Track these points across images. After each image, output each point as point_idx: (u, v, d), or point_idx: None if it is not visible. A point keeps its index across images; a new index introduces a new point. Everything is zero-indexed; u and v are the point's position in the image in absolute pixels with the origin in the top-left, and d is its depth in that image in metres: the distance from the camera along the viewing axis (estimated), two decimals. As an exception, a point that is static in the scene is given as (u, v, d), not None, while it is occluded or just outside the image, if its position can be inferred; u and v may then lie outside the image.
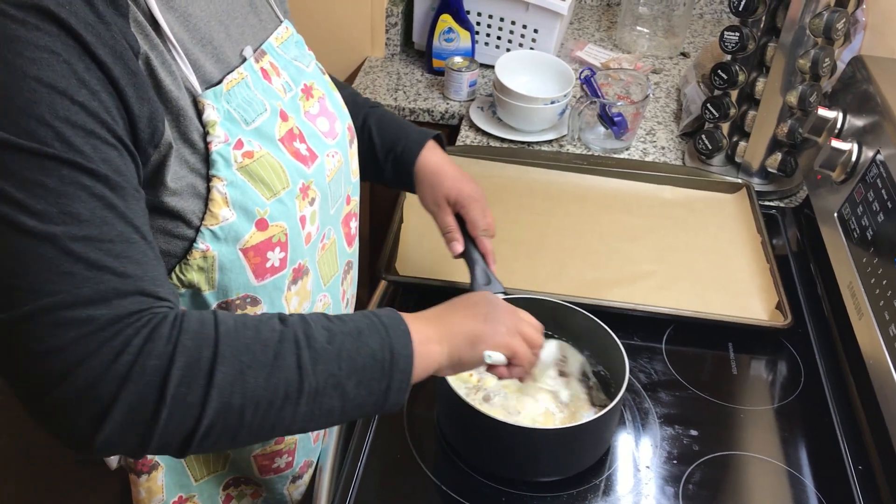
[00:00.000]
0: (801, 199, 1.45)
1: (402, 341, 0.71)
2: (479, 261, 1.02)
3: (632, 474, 0.97)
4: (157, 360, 0.60)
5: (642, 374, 1.10)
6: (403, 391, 0.71)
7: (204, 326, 0.64)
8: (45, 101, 0.57)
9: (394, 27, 1.79)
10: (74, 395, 0.59)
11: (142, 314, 0.61)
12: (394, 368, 0.70)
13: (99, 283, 0.59)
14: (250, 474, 0.92)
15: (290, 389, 0.65)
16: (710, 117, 1.42)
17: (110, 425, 0.60)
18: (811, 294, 1.26)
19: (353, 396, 0.68)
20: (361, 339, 0.69)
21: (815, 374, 1.13)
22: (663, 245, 1.30)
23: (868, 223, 1.08)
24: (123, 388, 0.59)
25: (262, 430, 0.65)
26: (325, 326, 0.69)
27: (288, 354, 0.65)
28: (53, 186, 0.58)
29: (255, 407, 0.63)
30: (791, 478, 0.98)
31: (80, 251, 0.59)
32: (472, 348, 0.79)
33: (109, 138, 0.61)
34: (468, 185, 1.03)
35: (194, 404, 0.61)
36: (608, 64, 1.77)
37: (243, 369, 0.63)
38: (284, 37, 0.86)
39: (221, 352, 0.63)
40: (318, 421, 0.68)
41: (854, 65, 1.28)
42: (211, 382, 0.62)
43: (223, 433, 0.63)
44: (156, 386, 0.60)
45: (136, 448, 0.62)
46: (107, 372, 0.59)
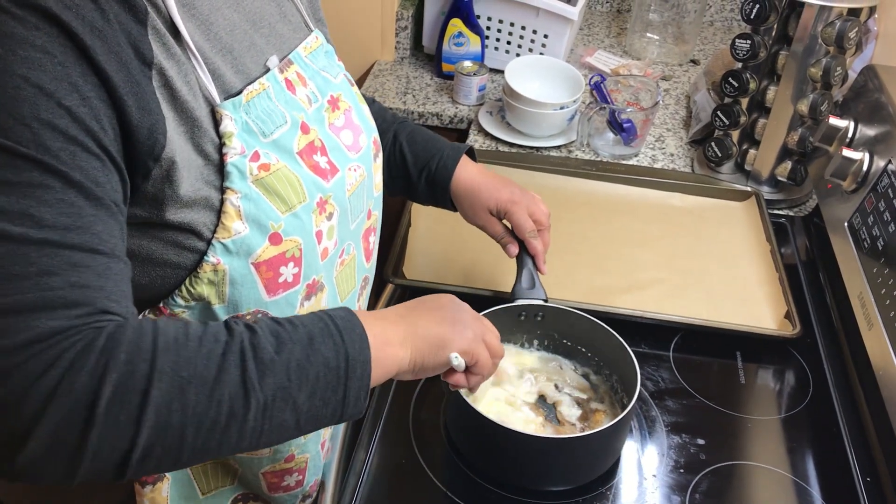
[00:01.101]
0: (810, 209, 1.44)
1: (357, 346, 0.67)
2: (527, 264, 1.04)
3: (638, 483, 0.97)
4: (87, 377, 0.56)
5: (650, 381, 1.10)
6: (362, 399, 0.68)
7: (141, 338, 0.59)
8: (29, 100, 0.55)
9: (404, 31, 1.79)
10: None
11: (82, 328, 0.57)
12: (350, 376, 0.66)
13: (46, 291, 0.56)
14: (259, 491, 0.91)
15: (235, 406, 0.60)
16: (720, 125, 1.41)
17: (33, 446, 0.55)
18: (820, 304, 1.25)
19: (307, 409, 0.64)
20: (313, 346, 0.65)
21: (824, 384, 1.12)
22: (672, 252, 1.29)
23: (879, 233, 1.07)
24: (49, 405, 0.54)
25: (208, 449, 0.61)
26: (274, 333, 0.65)
27: (232, 368, 0.61)
28: (19, 186, 0.55)
29: (196, 426, 0.59)
30: (798, 489, 0.97)
31: (33, 255, 0.55)
32: (436, 352, 0.76)
33: (93, 147, 0.58)
34: (505, 192, 1.03)
35: (128, 424, 0.56)
36: (618, 70, 1.77)
37: (183, 385, 0.58)
38: (314, 46, 0.84)
39: (159, 367, 0.58)
40: (269, 436, 0.64)
41: (866, 74, 1.27)
42: (146, 400, 0.57)
43: (164, 455, 0.59)
44: (84, 404, 0.55)
45: (63, 473, 0.57)
46: (31, 388, 0.54)
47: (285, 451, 0.87)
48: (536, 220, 1.03)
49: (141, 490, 0.82)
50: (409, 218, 1.32)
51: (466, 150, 1.07)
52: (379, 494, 0.94)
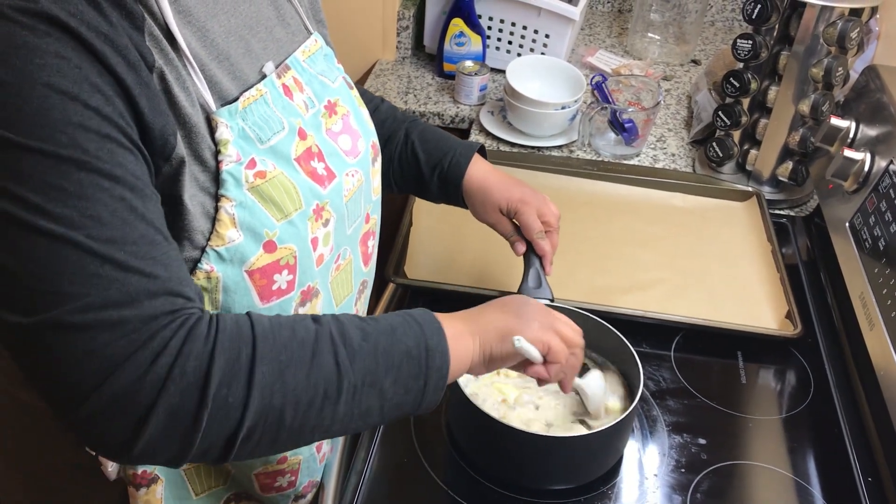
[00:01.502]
0: (811, 209, 1.44)
1: (436, 337, 0.70)
2: (534, 264, 1.04)
3: (639, 482, 0.97)
4: (197, 361, 0.59)
5: (651, 381, 1.10)
6: (441, 389, 0.70)
7: (240, 327, 0.63)
8: (58, 106, 0.56)
9: (405, 30, 1.79)
10: (112, 402, 0.58)
11: (175, 314, 0.60)
12: (430, 365, 0.69)
13: (127, 285, 0.58)
14: (251, 492, 0.91)
15: (329, 388, 0.64)
16: (722, 125, 1.41)
17: (150, 431, 0.58)
18: (821, 304, 1.25)
19: (391, 395, 0.67)
20: (396, 335, 0.68)
21: (825, 384, 1.12)
22: (673, 252, 1.29)
23: (880, 233, 1.07)
24: (164, 391, 0.58)
25: (303, 431, 0.64)
26: (358, 325, 0.68)
27: (325, 352, 0.64)
28: (72, 190, 0.57)
29: (295, 406, 0.62)
30: (799, 488, 0.98)
31: (105, 252, 0.57)
32: (502, 342, 0.77)
33: (125, 142, 0.60)
34: (516, 192, 1.03)
35: (236, 405, 0.60)
36: (619, 70, 1.77)
37: (282, 368, 0.62)
38: (312, 50, 0.84)
39: (260, 351, 0.62)
40: (356, 422, 0.67)
41: (867, 74, 1.27)
42: (251, 382, 0.61)
43: (264, 435, 0.62)
44: (197, 388, 0.59)
45: (176, 454, 0.61)
46: (146, 375, 0.58)
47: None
48: (545, 221, 1.03)
49: (135, 493, 0.82)
50: (410, 217, 1.32)
51: (478, 149, 1.07)
52: (380, 494, 0.94)
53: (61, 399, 0.59)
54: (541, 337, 0.80)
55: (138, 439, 0.59)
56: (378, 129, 1.02)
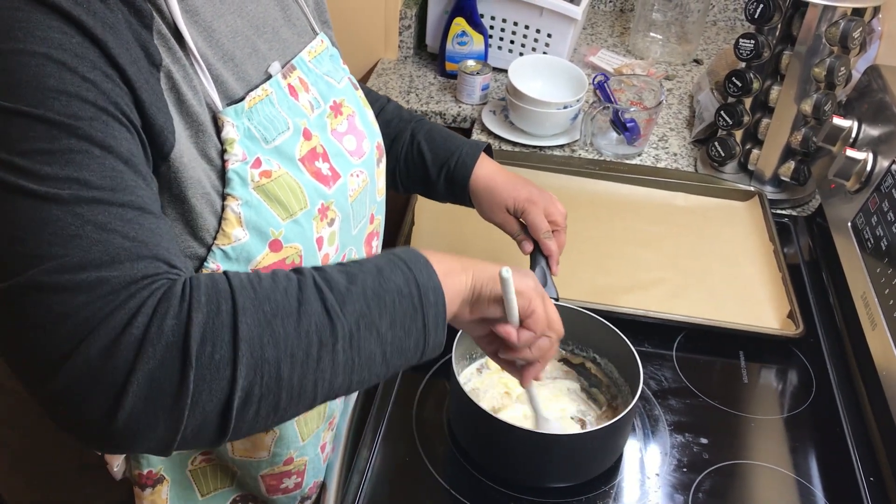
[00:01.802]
0: (813, 208, 1.44)
1: (425, 272, 0.66)
2: (540, 263, 1.04)
3: (641, 482, 0.97)
4: (174, 320, 0.55)
5: (653, 381, 1.10)
6: (442, 327, 0.67)
7: (216, 282, 0.59)
8: (55, 75, 0.55)
9: (407, 29, 1.79)
10: (86, 370, 0.53)
11: (156, 277, 0.57)
12: (425, 303, 0.65)
13: (109, 246, 0.55)
14: (257, 493, 0.91)
15: (322, 335, 0.60)
16: (724, 124, 1.41)
17: (131, 402, 0.54)
18: (823, 303, 1.25)
19: (391, 338, 0.64)
20: (383, 276, 0.65)
21: (827, 383, 1.12)
22: (675, 252, 1.29)
23: (882, 233, 1.07)
24: (141, 353, 0.54)
25: (304, 387, 0.60)
26: (342, 270, 0.65)
27: (312, 299, 0.61)
28: (61, 154, 0.55)
29: (290, 359, 0.58)
30: (801, 488, 0.98)
31: (88, 213, 0.55)
32: (493, 283, 0.73)
33: (122, 118, 0.58)
34: (523, 191, 1.03)
35: (223, 362, 0.56)
36: (621, 69, 1.77)
37: (269, 319, 0.58)
38: (318, 50, 0.84)
39: (241, 304, 0.58)
40: (361, 371, 0.63)
41: (870, 74, 1.27)
42: (236, 335, 0.56)
43: (264, 397, 0.58)
44: (177, 347, 0.55)
45: (165, 430, 0.55)
46: (121, 337, 0.54)
47: (284, 453, 0.86)
48: (552, 221, 1.03)
49: (141, 493, 0.82)
50: (412, 217, 1.32)
51: (484, 148, 1.07)
52: (382, 493, 0.94)
53: (33, 370, 0.55)
54: (530, 295, 0.76)
55: (118, 412, 0.54)
56: (384, 129, 1.03)
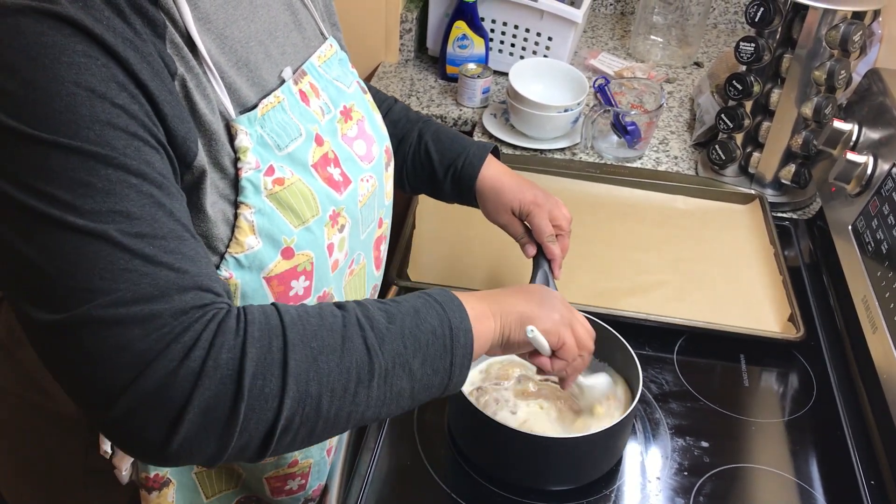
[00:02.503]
0: (814, 212, 1.45)
1: (458, 316, 0.70)
2: (543, 266, 1.04)
3: (642, 486, 0.97)
4: (230, 353, 0.59)
5: (653, 384, 1.10)
6: (466, 367, 0.71)
7: (269, 317, 0.62)
8: (86, 104, 0.56)
9: (408, 33, 1.79)
10: (145, 399, 0.57)
11: (206, 308, 0.60)
12: (455, 344, 0.69)
13: (157, 279, 0.58)
14: (262, 495, 0.91)
15: (361, 372, 0.64)
16: (724, 128, 1.41)
17: (186, 428, 0.57)
18: (824, 307, 1.25)
19: (420, 376, 0.68)
20: (420, 317, 0.68)
21: (828, 387, 1.12)
22: (675, 255, 1.29)
23: (883, 236, 1.07)
24: (198, 385, 0.57)
25: (339, 418, 0.64)
26: (382, 308, 0.68)
27: (355, 337, 0.64)
28: (101, 186, 0.57)
29: (331, 393, 0.62)
30: (802, 492, 0.98)
31: (134, 247, 0.57)
32: (521, 327, 0.77)
33: (151, 141, 0.60)
34: (528, 193, 1.03)
35: (272, 395, 0.59)
36: (622, 73, 1.77)
37: (315, 355, 0.62)
38: (328, 55, 0.84)
39: (291, 340, 0.61)
40: (389, 405, 0.67)
41: (870, 77, 1.27)
42: (286, 371, 0.60)
43: (302, 425, 0.62)
44: (232, 380, 0.58)
45: (214, 452, 0.60)
46: (179, 370, 0.57)
47: (289, 456, 0.87)
48: (557, 225, 1.03)
49: (147, 496, 0.82)
50: (413, 219, 1.32)
51: (492, 149, 1.07)
52: (384, 497, 0.94)
53: (93, 399, 0.58)
54: (558, 331, 0.81)
55: (174, 438, 0.58)
56: (391, 130, 1.03)
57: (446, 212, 1.17)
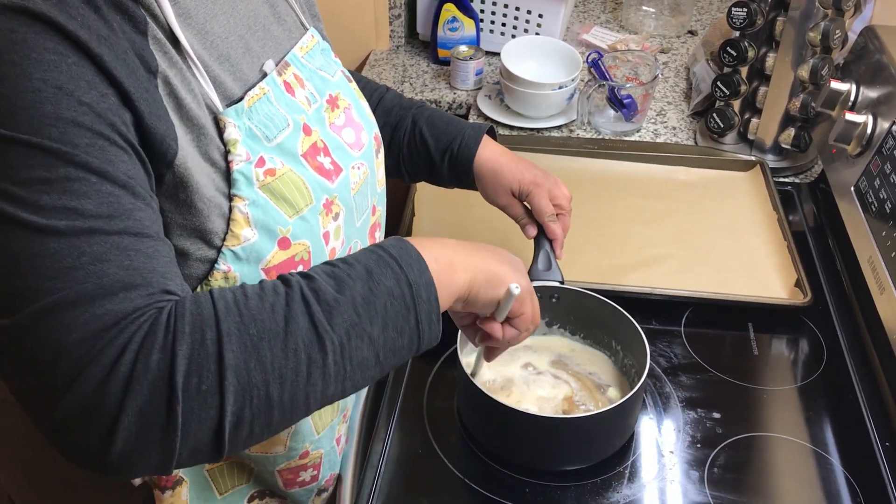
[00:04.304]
0: (816, 174, 1.43)
1: (417, 269, 0.66)
2: (545, 247, 1.03)
3: (656, 460, 0.96)
4: (159, 354, 0.56)
5: (662, 358, 1.09)
6: (434, 323, 0.67)
7: (201, 308, 0.59)
8: (51, 100, 0.56)
9: (397, 19, 1.77)
10: (80, 406, 0.55)
11: (146, 309, 0.57)
12: (417, 301, 0.65)
13: (103, 277, 0.56)
14: (275, 488, 0.91)
15: (311, 352, 0.60)
16: (721, 95, 1.40)
17: (123, 436, 0.55)
18: (830, 270, 1.24)
19: (383, 342, 0.64)
20: (373, 278, 0.64)
21: (838, 350, 1.11)
22: (679, 227, 1.28)
23: (886, 196, 1.06)
24: (129, 391, 0.55)
25: (296, 403, 0.60)
26: (330, 274, 0.64)
27: (299, 316, 0.60)
28: (58, 183, 0.56)
29: (280, 380, 0.59)
30: (817, 457, 0.97)
31: (84, 245, 0.56)
32: (491, 287, 0.74)
33: (118, 140, 0.59)
34: (528, 174, 1.02)
35: (210, 392, 0.56)
36: (615, 46, 1.76)
37: (255, 342, 0.58)
38: (310, 46, 0.84)
39: (226, 329, 0.58)
40: (353, 377, 0.63)
41: (866, 35, 1.26)
42: (222, 365, 0.57)
43: (256, 418, 0.59)
44: (164, 382, 0.55)
45: (160, 460, 0.57)
46: (111, 375, 0.55)
47: (300, 447, 0.87)
48: (557, 204, 1.03)
49: (161, 496, 0.82)
50: (412, 206, 1.31)
51: (487, 130, 1.06)
52: (397, 485, 0.94)
53: (34, 403, 0.57)
54: (523, 297, 0.78)
55: (112, 446, 0.55)
56: (385, 118, 1.03)
57: (445, 197, 1.16)
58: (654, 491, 0.93)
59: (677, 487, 0.93)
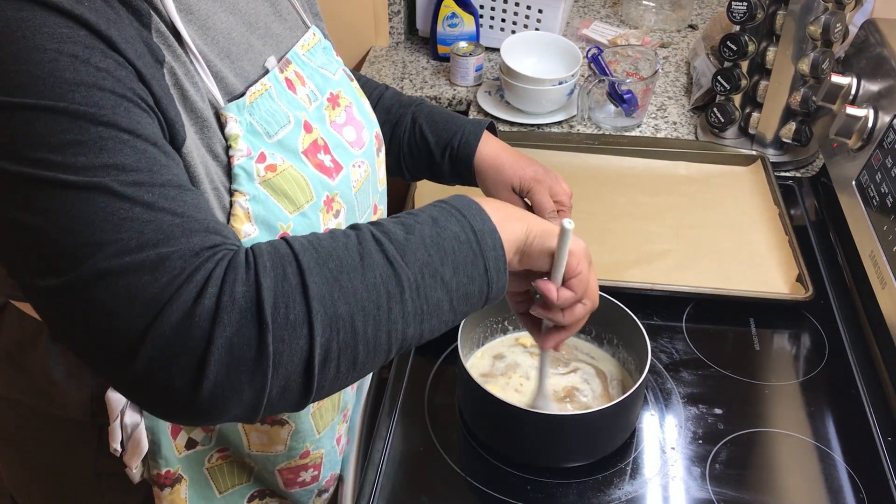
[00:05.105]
0: (817, 169, 1.43)
1: (479, 218, 0.67)
2: None
3: (658, 456, 0.96)
4: (244, 286, 0.56)
5: (663, 354, 1.09)
6: (503, 270, 0.67)
7: (277, 248, 0.60)
8: (70, 67, 0.56)
9: (397, 15, 1.77)
10: (165, 345, 0.54)
11: (215, 249, 0.58)
12: (483, 247, 0.66)
13: (161, 224, 0.56)
14: (275, 487, 0.91)
15: (389, 286, 0.61)
16: (722, 90, 1.40)
17: (215, 370, 0.55)
18: (832, 264, 1.24)
19: (455, 285, 0.64)
20: (438, 224, 0.65)
21: (840, 345, 1.11)
22: (679, 222, 1.28)
23: (887, 190, 1.06)
24: (217, 322, 0.55)
25: (380, 339, 0.61)
26: (397, 222, 0.65)
27: (374, 252, 0.61)
28: (92, 143, 0.55)
29: (363, 312, 0.59)
30: (819, 452, 0.97)
31: (134, 195, 0.56)
32: (545, 237, 0.73)
33: (142, 104, 0.59)
34: (529, 170, 1.01)
35: (299, 322, 0.57)
36: (615, 41, 1.75)
37: (335, 275, 0.59)
38: (311, 43, 0.84)
39: (305, 264, 0.59)
40: (430, 320, 0.64)
41: (867, 28, 1.25)
42: (307, 295, 0.57)
43: (342, 352, 0.59)
44: (251, 312, 0.56)
45: (251, 396, 0.57)
46: (195, 309, 0.55)
47: (300, 447, 0.87)
48: (558, 201, 1.02)
49: (160, 493, 0.83)
50: (412, 205, 1.31)
51: (487, 126, 1.05)
52: (398, 484, 0.94)
53: (112, 357, 0.56)
54: (580, 255, 0.76)
55: (203, 383, 0.55)
56: (385, 116, 1.02)
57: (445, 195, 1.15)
58: (657, 487, 0.93)
59: (679, 484, 0.93)
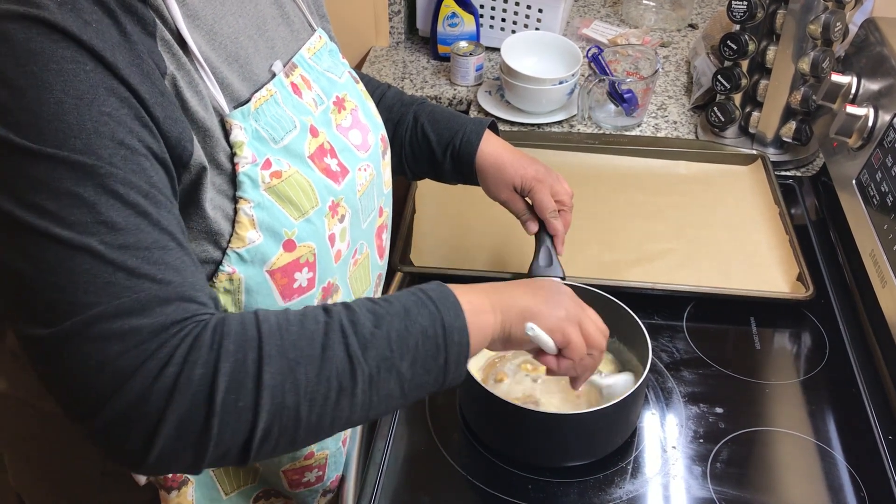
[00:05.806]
0: (817, 168, 1.43)
1: (452, 313, 0.69)
2: (546, 242, 1.03)
3: (658, 455, 0.96)
4: (203, 369, 0.60)
5: (664, 353, 1.09)
6: (462, 364, 0.70)
7: (246, 328, 0.62)
8: (73, 112, 0.57)
9: (397, 15, 1.77)
10: (123, 413, 0.58)
11: (185, 323, 0.60)
12: (448, 343, 0.68)
13: (139, 292, 0.59)
14: (280, 488, 0.91)
15: (343, 380, 0.63)
16: (722, 89, 1.40)
17: (162, 441, 0.59)
18: (832, 264, 1.24)
19: (411, 377, 0.67)
20: (410, 317, 0.67)
21: (840, 344, 1.11)
22: (680, 222, 1.28)
23: (888, 189, 1.06)
24: (171, 401, 0.59)
25: (322, 425, 0.64)
26: (371, 310, 0.67)
27: (336, 345, 0.64)
28: (86, 196, 0.58)
29: (310, 403, 0.62)
30: (820, 451, 0.97)
31: (118, 259, 0.58)
32: (522, 324, 0.75)
33: (140, 148, 0.60)
34: (530, 169, 1.01)
35: (246, 409, 0.60)
36: (615, 40, 1.75)
37: (292, 366, 0.62)
38: (317, 47, 0.84)
39: (267, 352, 0.61)
40: (377, 407, 0.67)
41: (867, 27, 1.25)
42: (260, 385, 0.60)
43: (281, 435, 0.62)
44: (203, 396, 0.59)
45: (191, 462, 0.62)
46: (153, 385, 0.58)
47: (304, 448, 0.87)
48: (559, 200, 1.02)
49: (167, 496, 0.82)
50: (413, 204, 1.31)
51: (489, 125, 1.05)
52: (400, 483, 0.94)
53: (77, 410, 0.60)
54: (562, 328, 0.77)
55: (151, 449, 0.59)
56: (386, 115, 1.02)
57: (446, 194, 1.16)
58: (657, 486, 0.93)
59: (680, 483, 0.93)
